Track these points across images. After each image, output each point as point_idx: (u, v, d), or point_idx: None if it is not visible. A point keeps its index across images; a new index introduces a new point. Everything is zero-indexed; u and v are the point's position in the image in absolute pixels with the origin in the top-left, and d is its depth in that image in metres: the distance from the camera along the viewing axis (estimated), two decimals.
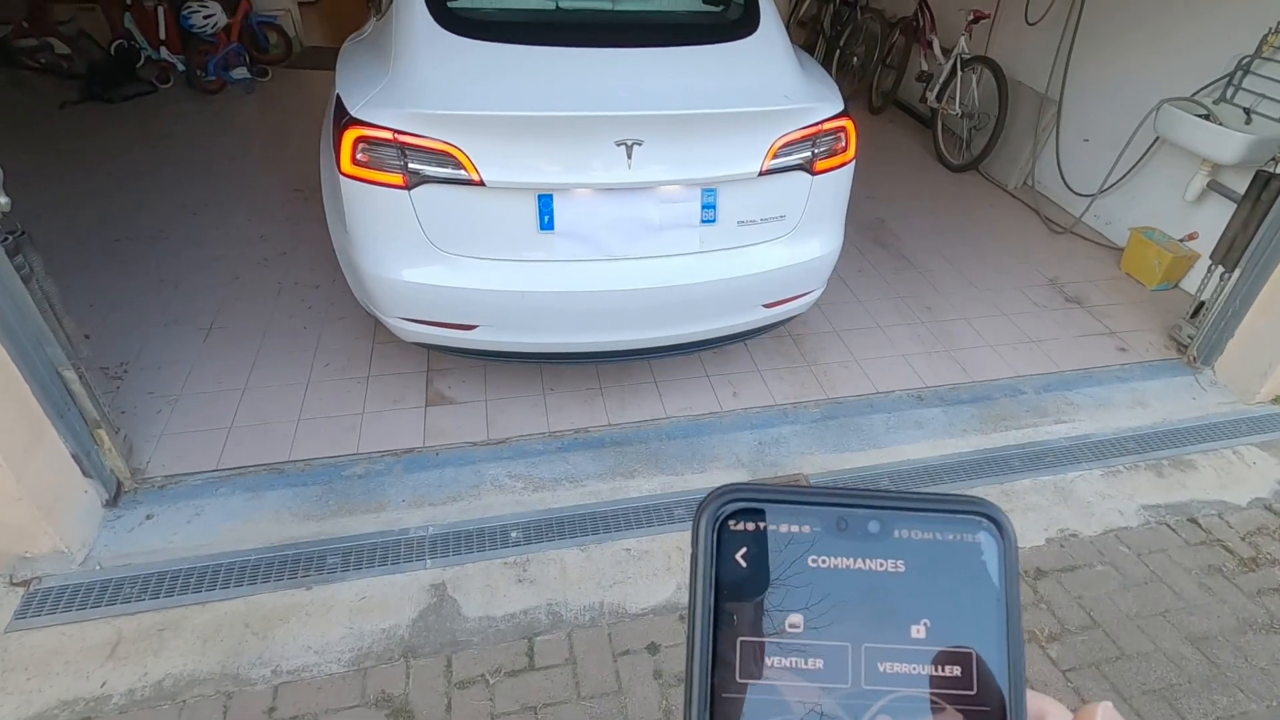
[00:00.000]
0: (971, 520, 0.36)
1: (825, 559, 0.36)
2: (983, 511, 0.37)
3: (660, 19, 2.50)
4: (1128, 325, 3.39)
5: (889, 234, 4.03)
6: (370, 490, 2.36)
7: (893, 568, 0.36)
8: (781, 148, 2.16)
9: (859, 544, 0.36)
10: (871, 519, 0.36)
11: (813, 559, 0.36)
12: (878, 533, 0.36)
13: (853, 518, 0.36)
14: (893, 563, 0.36)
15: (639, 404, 2.76)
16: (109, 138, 4.59)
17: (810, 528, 0.36)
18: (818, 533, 0.36)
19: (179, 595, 2.04)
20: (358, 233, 2.18)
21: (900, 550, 0.36)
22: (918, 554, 0.36)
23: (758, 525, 0.37)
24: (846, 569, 0.36)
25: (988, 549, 0.36)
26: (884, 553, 0.36)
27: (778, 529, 0.37)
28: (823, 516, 0.37)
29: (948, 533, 0.36)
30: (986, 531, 0.36)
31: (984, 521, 0.36)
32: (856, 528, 0.36)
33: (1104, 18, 3.96)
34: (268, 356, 2.85)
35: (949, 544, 0.36)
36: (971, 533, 0.36)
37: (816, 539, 0.36)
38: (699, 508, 0.37)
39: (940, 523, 0.36)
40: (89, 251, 3.37)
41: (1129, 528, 2.39)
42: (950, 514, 0.37)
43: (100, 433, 2.21)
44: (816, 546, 0.36)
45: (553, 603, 2.06)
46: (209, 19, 5.12)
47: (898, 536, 0.36)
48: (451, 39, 2.13)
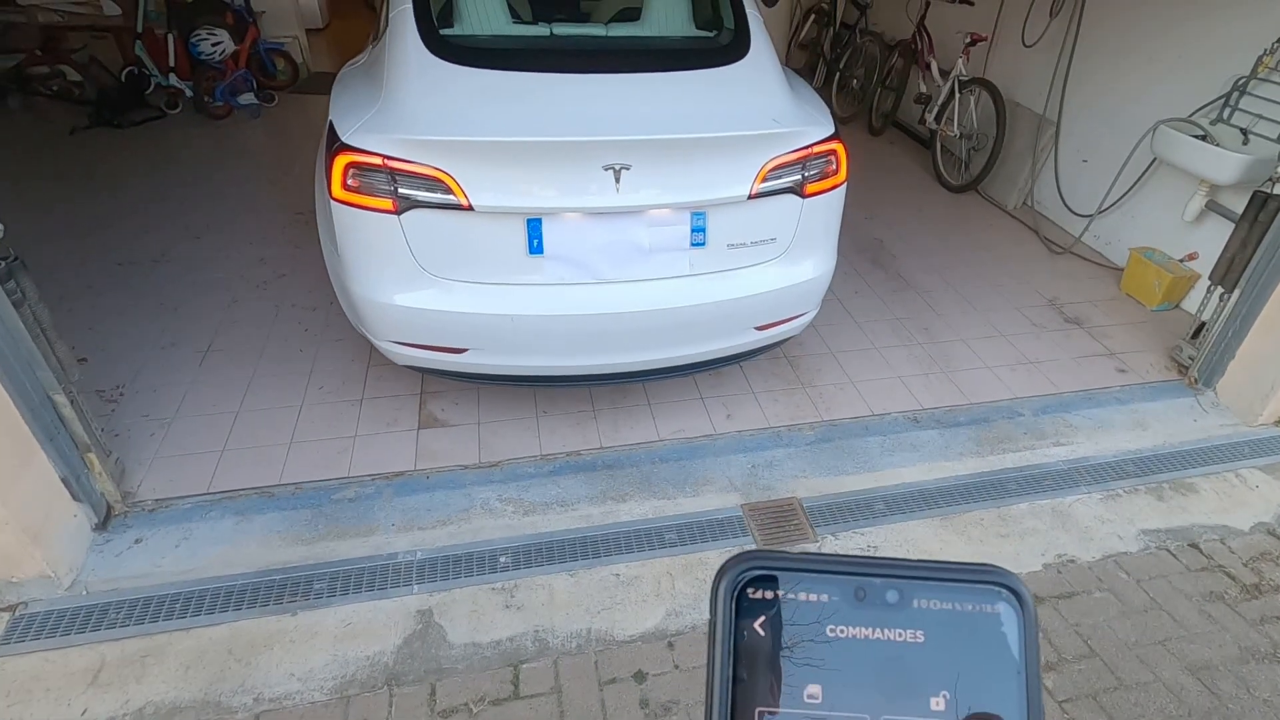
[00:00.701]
0: (991, 590, 0.36)
1: (844, 628, 0.36)
2: (1002, 582, 0.37)
3: (652, 45, 2.52)
4: (1128, 346, 3.36)
5: (887, 255, 4.03)
6: (360, 514, 2.35)
7: (912, 638, 0.36)
8: (771, 171, 2.16)
9: (878, 613, 0.36)
10: (890, 588, 0.37)
11: (831, 628, 0.36)
12: (896, 602, 0.36)
13: (871, 587, 0.37)
14: (912, 633, 0.36)
15: (632, 426, 2.75)
16: (117, 162, 4.66)
17: (829, 596, 0.37)
18: (836, 601, 0.37)
19: (164, 621, 2.03)
20: (349, 257, 2.19)
21: (919, 620, 0.36)
22: (937, 624, 0.36)
23: (776, 593, 0.37)
24: (865, 639, 0.36)
25: (1007, 620, 0.36)
26: (903, 623, 0.36)
27: (796, 597, 0.37)
28: (841, 585, 0.37)
29: (967, 603, 0.36)
30: (1006, 602, 0.36)
31: (1003, 592, 0.36)
32: (875, 597, 0.36)
33: (1100, 40, 3.97)
34: (263, 379, 2.86)
35: (968, 614, 0.36)
36: (991, 603, 0.36)
37: (835, 608, 0.36)
38: (718, 574, 0.37)
39: (959, 592, 0.37)
40: (91, 275, 3.40)
41: (1128, 553, 2.35)
42: (969, 584, 0.37)
43: (91, 456, 2.21)
44: (835, 615, 0.36)
45: (540, 629, 2.04)
46: (217, 46, 5.22)
47: (917, 606, 0.36)
48: (443, 66, 2.16)
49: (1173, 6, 3.55)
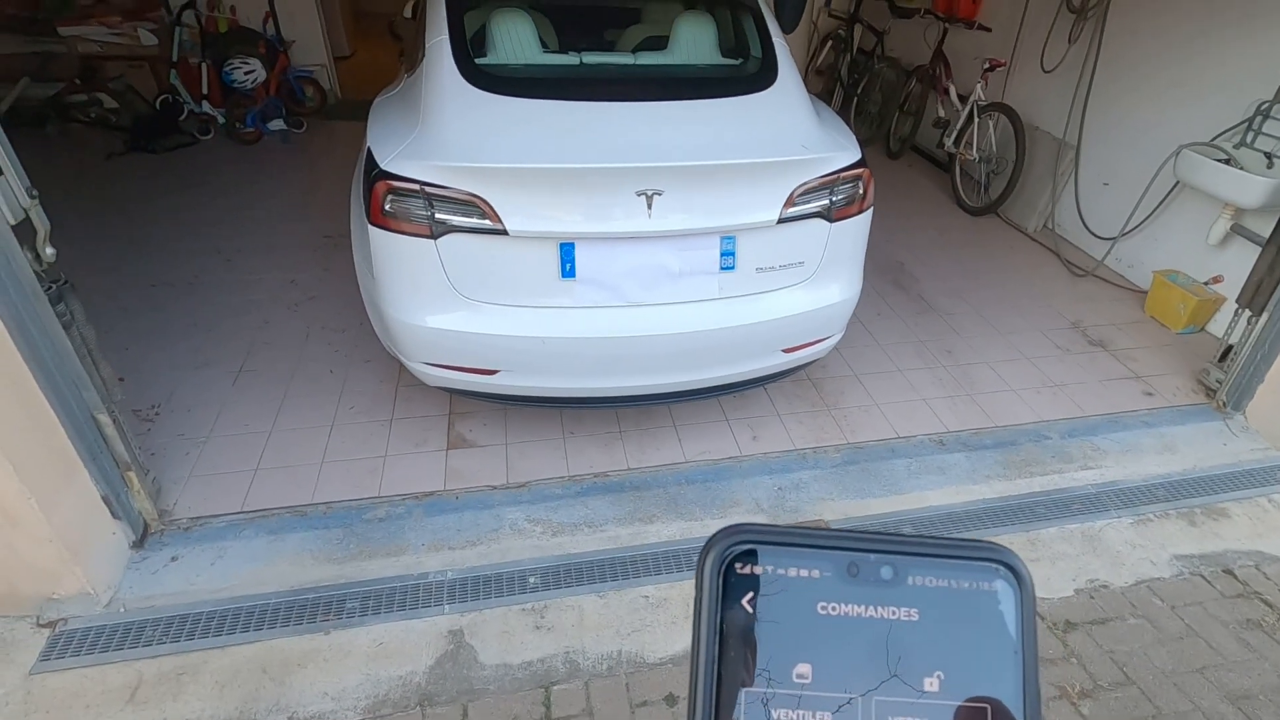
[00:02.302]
0: (988, 568, 0.35)
1: (835, 605, 0.35)
2: (1000, 559, 0.35)
3: (680, 73, 2.58)
4: (1153, 369, 3.34)
5: (908, 277, 4.04)
6: (390, 534, 2.37)
7: (906, 616, 0.34)
8: (799, 196, 2.20)
9: (871, 590, 0.35)
10: (884, 564, 0.35)
11: (822, 605, 0.35)
12: (890, 579, 0.35)
13: (865, 563, 0.35)
14: (906, 611, 0.35)
15: (658, 448, 2.76)
16: (151, 187, 4.78)
17: (820, 572, 0.35)
18: (828, 578, 0.35)
19: (199, 639, 2.05)
20: (384, 280, 2.24)
21: (914, 598, 0.35)
22: (932, 602, 0.35)
23: (765, 568, 0.35)
24: (858, 617, 0.34)
25: (1004, 598, 0.35)
26: (897, 600, 0.35)
27: (786, 573, 0.35)
28: (834, 561, 0.35)
29: (963, 580, 0.35)
30: (1004, 579, 0.35)
31: (1001, 569, 0.35)
32: (868, 573, 0.35)
33: (1120, 65, 4.00)
34: (294, 399, 2.91)
35: (964, 592, 0.35)
36: (988, 580, 0.35)
37: (827, 584, 0.35)
38: (704, 548, 0.36)
39: (956, 570, 0.35)
40: (127, 296, 3.48)
41: (1162, 579, 2.32)
42: (966, 560, 0.35)
43: (130, 475, 2.25)
44: (826, 592, 0.35)
45: (570, 651, 2.04)
46: (250, 74, 5.36)
47: (911, 583, 0.35)
48: (478, 94, 2.22)
49: (1193, 32, 3.58)
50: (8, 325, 1.80)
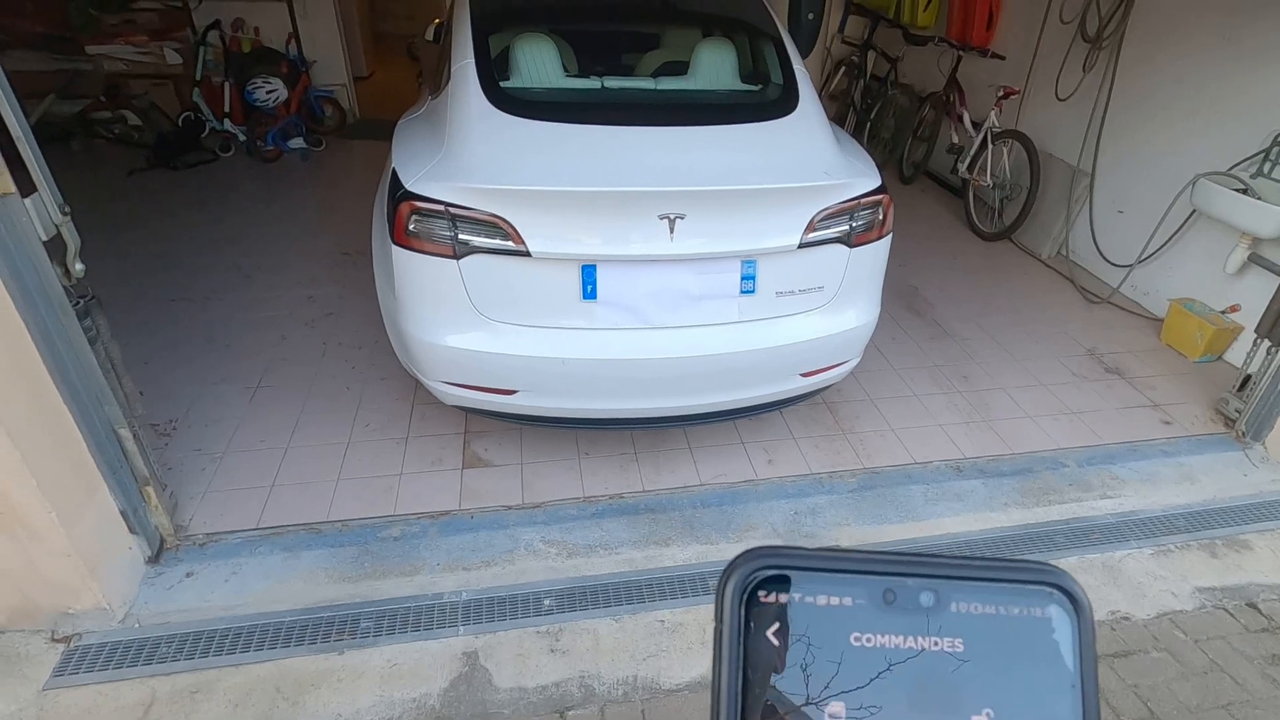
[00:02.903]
0: (1040, 591, 0.32)
1: (871, 636, 0.32)
2: (1053, 581, 0.33)
3: (702, 98, 2.61)
4: (1171, 398, 3.32)
5: (923, 301, 4.04)
6: (405, 553, 2.36)
7: (949, 647, 0.32)
8: (820, 221, 2.21)
9: (910, 619, 0.32)
10: (924, 590, 0.32)
11: (855, 636, 0.32)
12: (931, 606, 0.32)
13: (902, 589, 0.32)
14: (949, 641, 0.32)
15: (673, 470, 2.75)
16: (172, 203, 4.84)
17: (853, 600, 0.32)
18: (862, 605, 0.32)
19: (213, 656, 2.04)
20: (406, 299, 2.25)
21: (958, 626, 0.32)
22: (978, 631, 0.32)
23: (792, 596, 0.32)
24: (896, 648, 0.32)
25: (1059, 625, 0.32)
26: (939, 629, 0.32)
27: (815, 600, 0.32)
28: (868, 587, 0.32)
29: (1013, 606, 0.32)
30: (1058, 605, 0.32)
31: (1055, 593, 0.32)
32: (907, 600, 0.32)
33: (1135, 94, 4.02)
34: (311, 416, 2.92)
35: (1015, 619, 0.32)
36: (1040, 606, 0.32)
37: (861, 613, 0.32)
38: (724, 573, 0.33)
39: (1004, 594, 0.32)
40: (146, 311, 3.52)
41: (1184, 611, 2.29)
42: (1015, 584, 0.33)
43: (149, 490, 2.26)
44: (860, 621, 0.32)
45: (585, 675, 2.02)
46: (271, 93, 5.45)
47: (955, 610, 0.32)
48: (503, 117, 2.25)
49: (1208, 62, 3.60)
50: (35, 340, 1.82)
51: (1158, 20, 3.86)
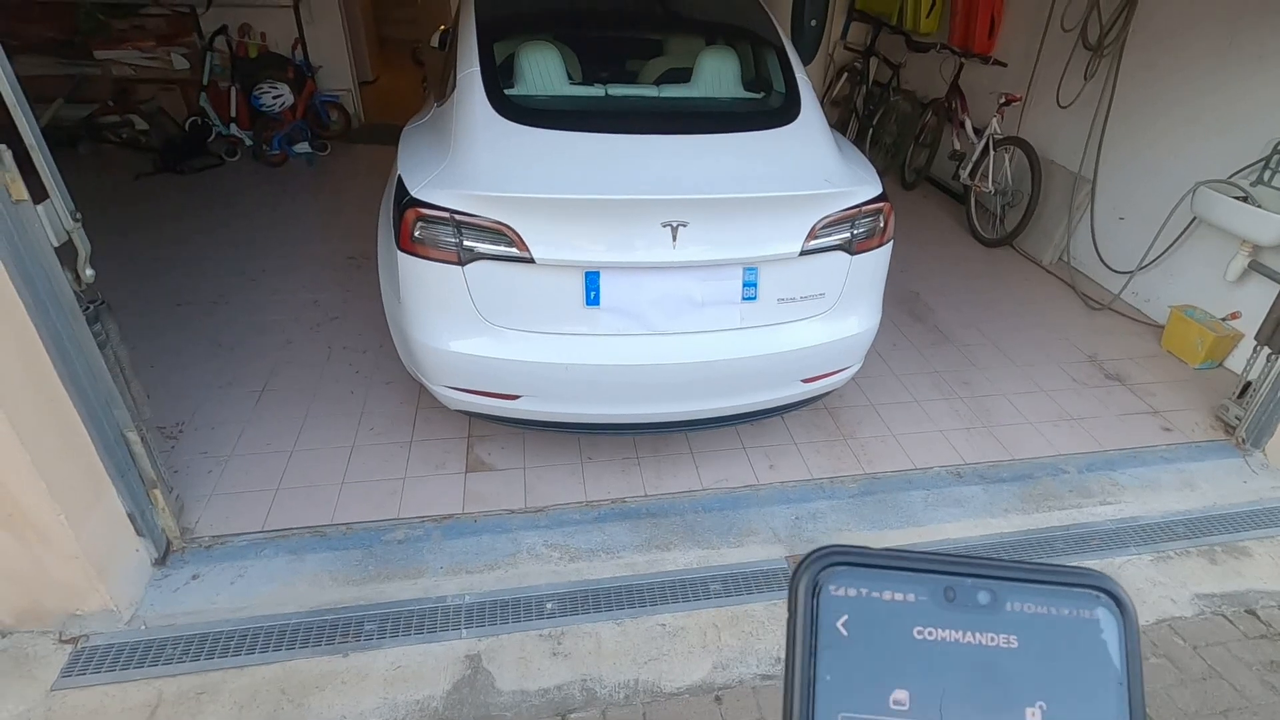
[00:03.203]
0: (1089, 594, 0.34)
1: (932, 630, 0.34)
2: (1101, 586, 0.35)
3: (705, 106, 2.63)
4: (1171, 404, 3.33)
5: (924, 308, 4.06)
6: (409, 556, 2.38)
7: (1005, 643, 0.34)
8: (821, 229, 2.23)
9: (968, 615, 0.34)
10: (981, 589, 0.35)
11: (919, 630, 0.34)
12: (988, 604, 0.34)
13: (962, 587, 0.35)
14: (1005, 638, 0.34)
15: (675, 475, 2.77)
16: (178, 207, 4.88)
17: (916, 596, 0.35)
18: (924, 601, 0.35)
19: (219, 658, 2.06)
20: (411, 304, 2.27)
21: (1013, 624, 0.34)
22: (1031, 629, 0.34)
23: (860, 591, 0.35)
24: (955, 642, 0.34)
25: (1107, 627, 0.34)
26: (995, 626, 0.34)
27: (881, 595, 0.35)
28: (930, 584, 0.35)
29: (1063, 607, 0.34)
30: (1105, 608, 0.34)
31: (1102, 596, 0.35)
32: (965, 598, 0.35)
33: (1136, 101, 4.04)
34: (316, 419, 2.94)
35: (1065, 619, 0.34)
36: (1089, 608, 0.34)
37: (923, 608, 0.35)
38: (797, 568, 0.35)
39: (1055, 596, 0.34)
40: (153, 315, 3.55)
41: (1183, 618, 2.30)
42: (1066, 587, 0.35)
43: (155, 492, 2.28)
44: (923, 616, 0.34)
45: (587, 678, 2.04)
46: (278, 99, 5.49)
47: (1010, 609, 0.34)
48: (508, 125, 2.27)
49: (1210, 70, 3.62)
50: (47, 345, 1.84)
51: (1159, 28, 3.88)
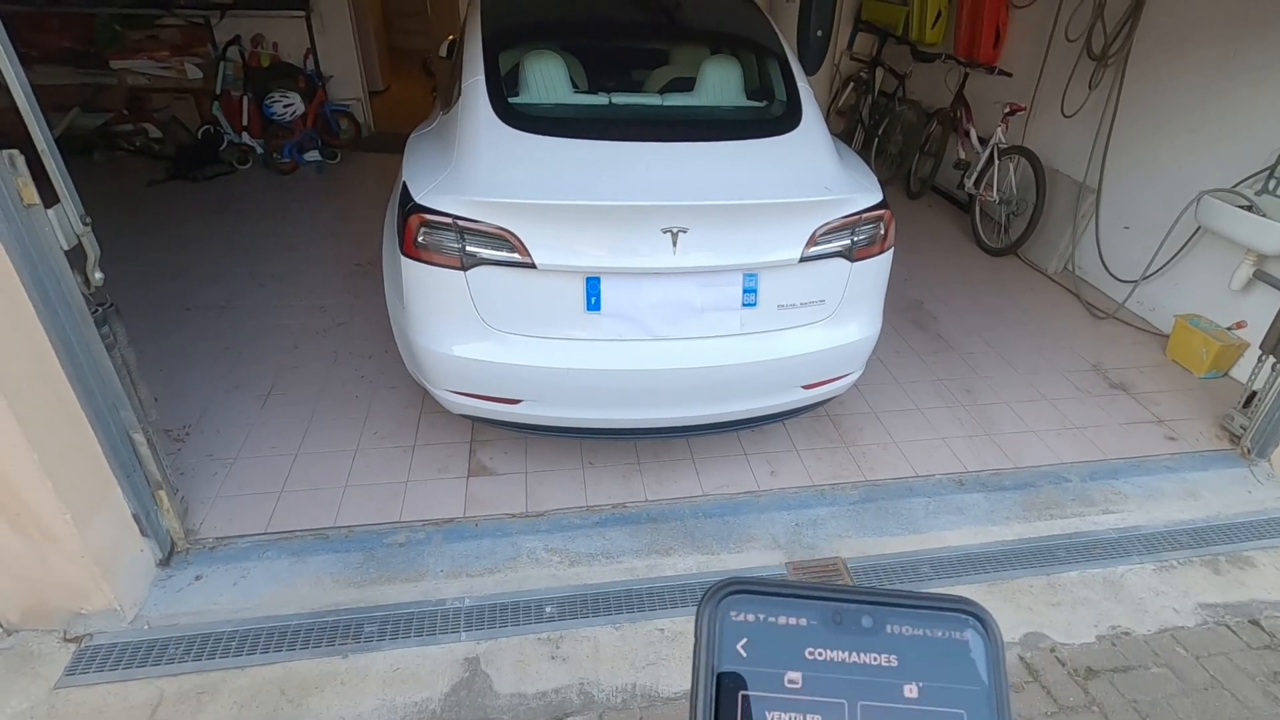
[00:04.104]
0: (959, 618, 0.39)
1: (822, 651, 0.38)
2: (969, 610, 0.39)
3: (707, 114, 2.65)
4: (1176, 414, 3.32)
5: (927, 315, 4.06)
6: (410, 559, 2.40)
7: (886, 662, 0.38)
8: (821, 235, 2.24)
9: (854, 638, 0.38)
10: (865, 614, 0.39)
11: (809, 650, 0.38)
12: (870, 627, 0.39)
13: (846, 612, 0.39)
14: (886, 657, 0.38)
15: (676, 480, 2.78)
16: (190, 214, 4.95)
17: (808, 620, 0.39)
18: (814, 625, 0.39)
19: (220, 658, 2.08)
20: (414, 309, 2.30)
21: (893, 645, 0.38)
22: (909, 649, 0.38)
23: (757, 616, 0.39)
24: (842, 661, 0.38)
25: (975, 647, 0.38)
26: (877, 647, 0.38)
27: (776, 620, 0.39)
28: (819, 610, 0.39)
29: (937, 629, 0.39)
30: (973, 630, 0.39)
31: (971, 620, 0.39)
32: (850, 622, 0.39)
33: (1141, 111, 4.04)
34: (320, 423, 2.97)
35: (938, 640, 0.38)
36: (959, 630, 0.39)
37: (813, 631, 0.39)
38: (702, 599, 0.40)
39: (929, 619, 0.39)
40: (162, 318, 3.59)
41: (1185, 627, 2.28)
42: (938, 611, 0.39)
43: (161, 493, 2.31)
44: (813, 638, 0.39)
45: (585, 682, 2.04)
46: (289, 108, 5.57)
47: (890, 632, 0.39)
48: (511, 132, 2.30)
49: (1214, 79, 3.62)
50: (55, 346, 1.88)
51: (1163, 38, 3.88)
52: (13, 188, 1.75)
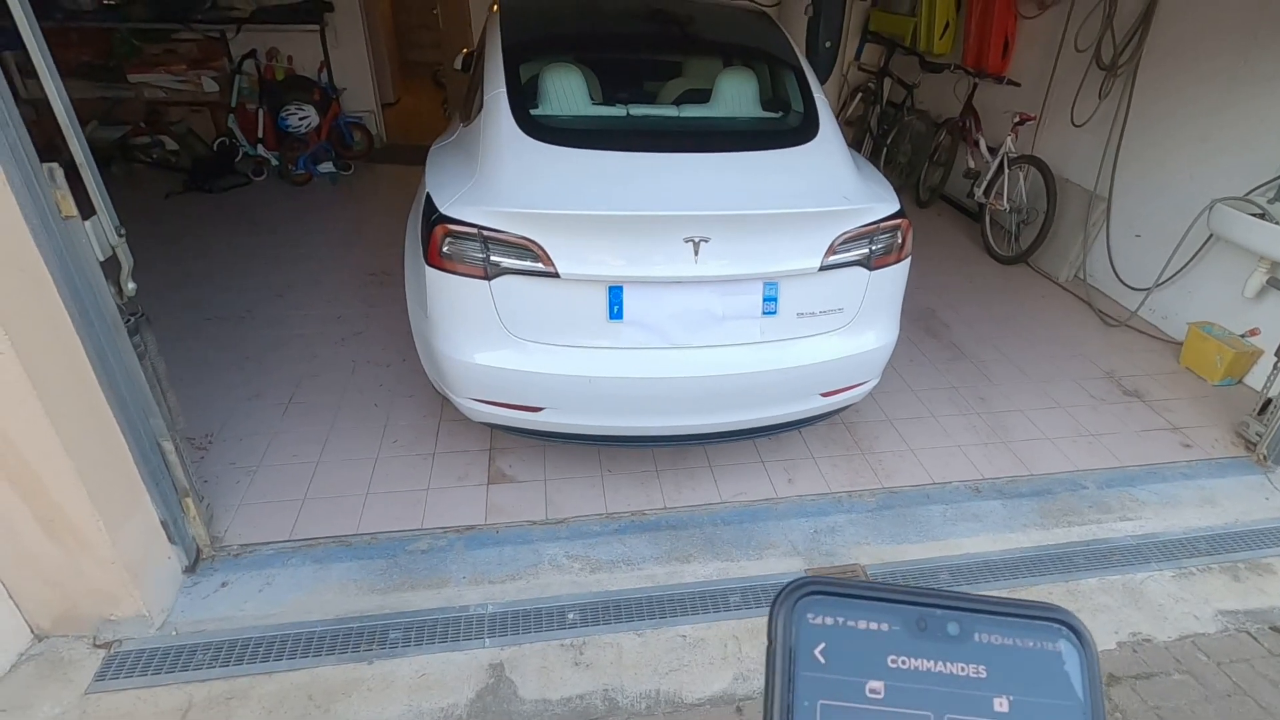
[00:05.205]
0: (1051, 628, 0.37)
1: (906, 659, 0.36)
2: (1062, 619, 0.37)
3: (724, 126, 2.69)
4: (1191, 421, 3.32)
5: (940, 324, 4.08)
6: (433, 566, 2.42)
7: (974, 673, 0.35)
8: (840, 244, 2.27)
9: (939, 645, 0.36)
10: (951, 620, 0.37)
11: (892, 658, 0.36)
12: (957, 635, 0.36)
13: (932, 618, 0.37)
14: (974, 667, 0.36)
15: (694, 487, 2.80)
16: (206, 225, 5.00)
17: (890, 625, 0.37)
18: (897, 631, 0.37)
19: (247, 664, 2.10)
20: (438, 318, 2.33)
21: (981, 655, 0.36)
22: (999, 660, 0.36)
23: (836, 619, 0.37)
24: (927, 671, 0.36)
25: (1069, 659, 0.36)
26: (965, 656, 0.36)
27: (856, 625, 0.37)
28: (903, 615, 0.37)
29: (1028, 639, 0.36)
30: (1067, 640, 0.36)
31: (1064, 630, 0.37)
32: (936, 629, 0.36)
33: (1151, 120, 4.07)
34: (341, 431, 3.00)
35: (1030, 651, 0.36)
36: (1052, 641, 0.36)
37: (896, 637, 0.36)
38: (776, 598, 0.37)
39: (1020, 628, 0.36)
40: (182, 328, 3.63)
41: (1206, 634, 2.29)
42: (1029, 619, 0.37)
43: (188, 501, 2.34)
44: (896, 645, 0.36)
45: (609, 688, 2.06)
46: (304, 120, 5.63)
47: (978, 640, 0.36)
48: (534, 144, 2.34)
49: (1225, 88, 3.64)
50: (90, 356, 1.91)
51: (1173, 47, 3.91)
52: (52, 200, 1.79)
